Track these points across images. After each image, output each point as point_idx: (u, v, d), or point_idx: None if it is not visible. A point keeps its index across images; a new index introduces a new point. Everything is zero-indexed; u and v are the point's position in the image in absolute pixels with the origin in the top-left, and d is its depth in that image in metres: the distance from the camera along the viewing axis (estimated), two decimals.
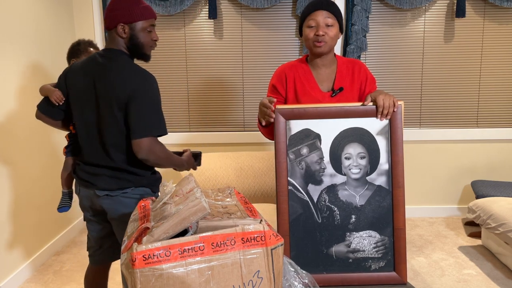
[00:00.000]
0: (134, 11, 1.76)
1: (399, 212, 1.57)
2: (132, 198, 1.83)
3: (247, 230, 1.14)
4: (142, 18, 1.77)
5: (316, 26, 1.83)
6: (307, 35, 1.86)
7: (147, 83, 1.73)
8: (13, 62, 2.79)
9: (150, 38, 1.82)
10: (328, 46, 1.85)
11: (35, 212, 3.00)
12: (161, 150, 1.76)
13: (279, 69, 1.99)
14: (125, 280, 1.15)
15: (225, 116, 3.79)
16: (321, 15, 1.82)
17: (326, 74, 1.94)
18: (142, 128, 1.70)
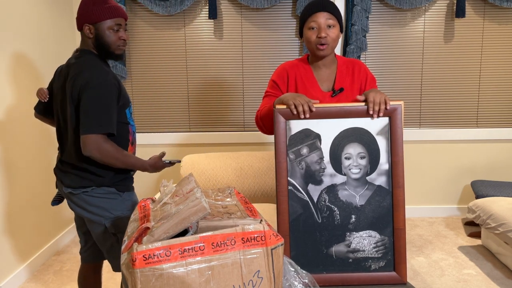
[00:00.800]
0: (98, 10, 1.77)
1: (399, 212, 1.57)
2: (94, 196, 1.85)
3: (247, 230, 1.14)
4: (106, 17, 1.77)
5: (317, 28, 1.82)
6: (309, 38, 1.84)
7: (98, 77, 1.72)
8: (13, 62, 2.79)
9: (117, 37, 1.81)
10: (330, 48, 1.84)
11: (35, 212, 3.00)
12: (109, 149, 1.72)
13: (281, 67, 1.99)
14: (125, 280, 1.15)
15: (225, 116, 3.79)
16: (322, 16, 1.81)
17: (326, 74, 1.93)
18: (87, 123, 1.69)
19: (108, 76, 1.76)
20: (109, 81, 1.75)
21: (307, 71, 1.94)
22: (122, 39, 1.83)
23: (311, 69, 1.94)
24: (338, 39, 1.86)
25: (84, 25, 1.80)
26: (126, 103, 1.87)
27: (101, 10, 1.77)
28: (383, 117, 1.57)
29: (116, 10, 1.80)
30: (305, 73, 1.94)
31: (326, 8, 1.81)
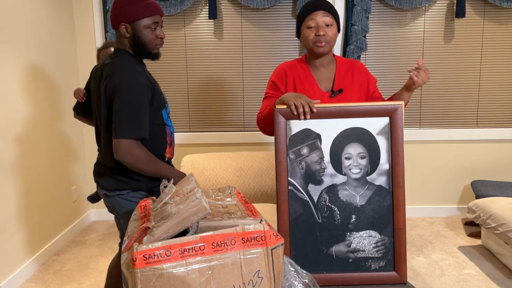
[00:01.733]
0: (136, 9, 1.70)
1: (399, 212, 1.57)
2: (129, 200, 1.81)
3: (247, 230, 1.14)
4: (144, 15, 1.71)
5: (315, 26, 1.82)
6: (307, 36, 1.85)
7: (130, 79, 1.66)
8: (13, 62, 2.79)
9: (154, 35, 1.75)
10: (329, 46, 1.84)
11: (35, 212, 3.00)
12: (142, 156, 1.67)
13: (279, 67, 1.99)
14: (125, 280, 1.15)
15: (225, 116, 3.79)
16: (320, 15, 1.82)
17: (325, 74, 1.93)
18: (119, 128, 1.64)
19: (140, 78, 1.68)
20: (141, 83, 1.68)
21: (306, 71, 1.94)
22: (160, 37, 1.77)
23: (309, 69, 1.94)
24: (336, 38, 1.86)
25: (120, 24, 1.72)
26: (161, 104, 1.80)
27: (139, 8, 1.70)
28: (384, 117, 1.57)
29: (153, 7, 1.73)
30: (304, 73, 1.94)
31: (324, 7, 1.82)
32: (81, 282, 2.80)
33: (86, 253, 3.23)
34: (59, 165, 3.35)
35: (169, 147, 1.89)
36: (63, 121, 3.42)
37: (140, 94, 1.66)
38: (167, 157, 1.89)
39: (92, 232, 3.62)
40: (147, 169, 1.69)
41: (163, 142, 1.84)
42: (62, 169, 3.39)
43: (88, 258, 3.15)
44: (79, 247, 3.35)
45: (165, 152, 1.86)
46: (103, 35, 3.65)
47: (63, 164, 3.41)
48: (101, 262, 3.07)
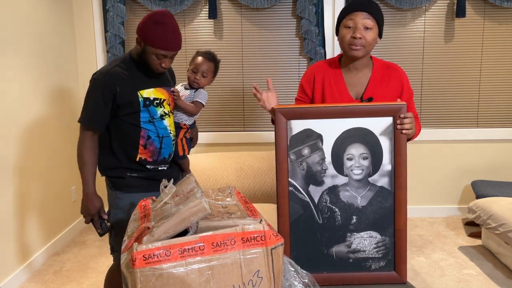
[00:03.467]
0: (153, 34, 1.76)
1: (401, 213, 1.56)
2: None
3: (247, 230, 1.14)
4: (156, 45, 1.76)
5: (353, 27, 1.70)
6: (344, 36, 1.72)
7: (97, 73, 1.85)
8: (13, 62, 2.79)
9: (158, 63, 1.82)
10: (364, 51, 1.72)
11: (35, 212, 2.99)
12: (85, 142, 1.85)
13: (310, 69, 1.89)
14: (125, 280, 1.14)
15: (225, 116, 3.78)
16: (361, 16, 1.68)
17: (358, 78, 1.80)
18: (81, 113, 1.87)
19: (105, 75, 1.81)
20: (101, 79, 1.82)
21: (337, 74, 1.82)
22: (163, 67, 1.83)
23: (341, 72, 1.82)
24: (374, 43, 1.73)
25: (138, 36, 1.82)
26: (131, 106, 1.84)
27: (155, 35, 1.75)
28: (387, 117, 1.55)
29: (169, 43, 1.77)
30: (335, 76, 1.82)
31: (366, 9, 1.69)
32: (81, 282, 2.80)
33: (86, 253, 3.23)
34: (59, 165, 3.35)
35: (143, 149, 1.90)
36: (62, 121, 3.41)
37: (97, 88, 1.82)
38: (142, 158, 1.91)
39: (92, 232, 3.62)
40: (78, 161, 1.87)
41: (133, 142, 1.89)
42: (62, 169, 3.39)
43: (88, 258, 3.14)
44: (79, 247, 3.34)
45: (137, 153, 1.90)
46: (103, 35, 3.65)
47: (63, 164, 3.40)
48: (101, 262, 3.07)
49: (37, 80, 3.07)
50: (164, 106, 1.93)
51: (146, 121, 1.88)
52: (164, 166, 1.99)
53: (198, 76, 2.10)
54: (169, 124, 1.95)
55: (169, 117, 1.96)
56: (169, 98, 1.96)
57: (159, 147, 1.93)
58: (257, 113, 3.76)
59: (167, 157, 1.98)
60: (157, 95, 1.90)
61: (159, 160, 1.95)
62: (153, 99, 1.89)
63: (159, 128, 1.91)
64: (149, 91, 1.88)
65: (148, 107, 1.87)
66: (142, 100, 1.86)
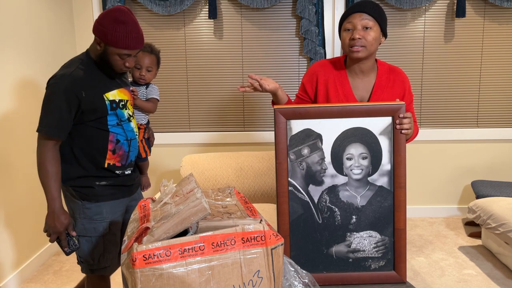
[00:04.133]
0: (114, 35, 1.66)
1: (400, 212, 1.56)
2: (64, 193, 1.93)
3: (247, 230, 1.14)
4: (116, 45, 1.68)
5: (352, 29, 1.70)
6: (344, 39, 1.73)
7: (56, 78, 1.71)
8: (13, 62, 2.79)
9: (122, 63, 1.74)
10: (366, 51, 1.70)
11: (35, 212, 3.00)
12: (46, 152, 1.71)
13: (313, 67, 1.87)
14: (125, 280, 1.14)
15: (225, 116, 3.78)
16: (359, 17, 1.69)
17: (363, 82, 1.79)
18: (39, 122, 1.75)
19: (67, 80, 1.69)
20: (64, 84, 1.68)
21: (342, 75, 1.80)
22: (127, 67, 1.76)
23: (346, 73, 1.80)
24: (377, 42, 1.72)
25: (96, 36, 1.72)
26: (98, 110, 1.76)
27: (117, 35, 1.66)
28: (386, 117, 1.56)
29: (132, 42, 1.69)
30: (339, 78, 1.80)
31: (364, 9, 1.69)
32: None
33: None
34: None
35: (112, 154, 1.83)
36: None
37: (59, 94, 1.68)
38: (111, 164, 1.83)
39: None
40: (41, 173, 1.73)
41: (100, 148, 1.81)
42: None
43: None
44: None
45: (105, 159, 1.82)
46: None
47: None
48: None
49: (37, 80, 3.07)
50: (127, 108, 1.87)
51: (114, 125, 1.81)
52: (129, 170, 1.93)
53: (143, 72, 2.04)
54: (134, 125, 1.92)
55: (133, 118, 1.92)
56: (131, 98, 1.91)
57: (128, 150, 1.87)
58: (257, 113, 3.76)
59: (133, 160, 1.94)
60: (121, 96, 1.84)
61: (127, 164, 1.90)
62: (118, 101, 1.82)
63: (127, 131, 1.86)
64: (113, 93, 1.80)
65: (115, 109, 1.80)
66: (109, 103, 1.78)
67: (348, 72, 1.81)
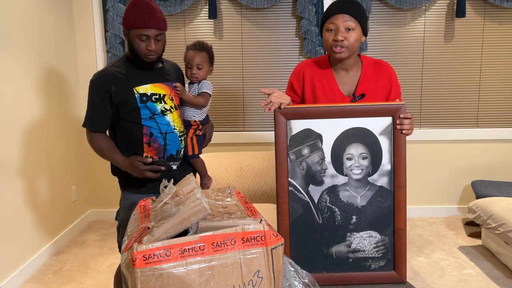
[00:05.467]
0: (131, 18, 1.78)
1: (400, 212, 1.57)
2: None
3: (247, 230, 1.14)
4: (134, 26, 1.77)
5: (335, 30, 1.71)
6: (326, 40, 1.74)
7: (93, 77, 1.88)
8: (13, 62, 2.79)
9: (143, 46, 1.80)
10: (348, 52, 1.72)
11: (35, 212, 3.00)
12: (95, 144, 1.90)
13: (299, 66, 1.89)
14: (125, 280, 1.14)
15: (225, 116, 3.78)
16: (341, 18, 1.69)
17: (348, 77, 1.81)
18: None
19: (99, 76, 1.85)
20: (96, 81, 1.85)
21: (327, 73, 1.82)
22: (148, 49, 1.80)
23: (331, 70, 1.82)
24: (358, 42, 1.73)
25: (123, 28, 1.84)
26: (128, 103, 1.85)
27: (132, 18, 1.77)
28: (386, 117, 1.56)
29: (145, 20, 1.77)
30: (325, 75, 1.82)
31: (346, 10, 1.70)
32: (81, 282, 2.80)
33: (86, 253, 3.23)
34: (59, 165, 3.35)
35: (147, 147, 1.90)
36: (62, 121, 3.42)
37: (94, 90, 1.87)
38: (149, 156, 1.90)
39: (92, 232, 3.62)
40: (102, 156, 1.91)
41: (137, 140, 1.89)
42: (62, 169, 3.39)
43: (88, 258, 3.14)
44: (79, 247, 3.34)
45: (142, 151, 1.90)
46: (103, 35, 3.65)
47: (63, 164, 3.40)
48: (101, 262, 3.07)
49: (37, 80, 3.07)
50: (165, 102, 1.91)
51: (147, 118, 1.87)
52: (174, 164, 1.97)
53: (194, 70, 2.05)
54: (172, 119, 1.93)
55: (172, 113, 1.93)
56: (170, 93, 1.94)
57: (164, 144, 1.91)
58: (257, 113, 3.76)
59: (174, 154, 1.96)
60: (156, 90, 1.89)
61: (166, 157, 1.94)
62: (150, 95, 1.88)
63: (161, 124, 1.90)
64: (145, 87, 1.87)
65: (146, 103, 1.86)
66: (138, 96, 1.85)
67: (333, 69, 1.83)
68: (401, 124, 1.55)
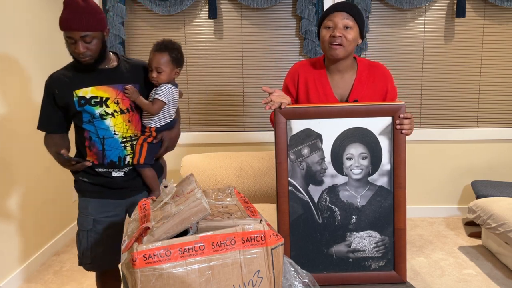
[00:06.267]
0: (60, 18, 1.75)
1: (400, 212, 1.57)
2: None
3: (247, 230, 1.14)
4: (60, 27, 1.75)
5: (333, 27, 1.69)
6: (323, 37, 1.72)
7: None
8: (13, 62, 2.79)
9: (73, 49, 1.74)
10: (344, 51, 1.70)
11: (35, 212, 3.00)
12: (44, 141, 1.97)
13: (294, 67, 1.88)
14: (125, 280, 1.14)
15: (225, 116, 3.79)
16: (340, 16, 1.69)
17: (342, 81, 1.79)
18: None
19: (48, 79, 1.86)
20: (46, 83, 1.86)
21: (322, 75, 1.80)
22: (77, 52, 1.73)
23: (326, 73, 1.80)
24: (355, 42, 1.72)
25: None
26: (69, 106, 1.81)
27: (60, 18, 1.76)
28: (386, 117, 1.56)
29: (67, 22, 1.71)
30: (319, 77, 1.80)
31: (346, 9, 1.70)
32: (81, 282, 2.80)
33: None
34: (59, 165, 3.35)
35: (89, 151, 1.85)
36: None
37: (44, 93, 1.88)
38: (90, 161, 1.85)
39: None
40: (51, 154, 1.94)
41: (81, 144, 1.89)
42: (62, 169, 3.38)
43: None
44: None
45: (86, 155, 1.87)
46: None
47: None
48: None
49: (37, 80, 3.07)
50: (107, 105, 1.81)
51: (87, 121, 1.82)
52: (118, 172, 1.87)
53: (154, 74, 1.85)
54: (113, 124, 1.82)
55: (114, 117, 1.82)
56: (116, 96, 1.82)
57: (102, 149, 1.84)
58: (257, 113, 3.76)
59: (116, 161, 1.86)
60: (97, 93, 1.80)
61: (106, 163, 1.85)
62: (89, 98, 1.79)
63: (99, 129, 1.82)
64: (86, 90, 1.80)
65: (84, 106, 1.79)
66: (76, 99, 1.79)
67: (327, 72, 1.81)
68: (401, 124, 1.55)
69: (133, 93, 1.83)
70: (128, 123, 1.85)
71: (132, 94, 1.83)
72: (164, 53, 1.84)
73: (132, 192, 1.95)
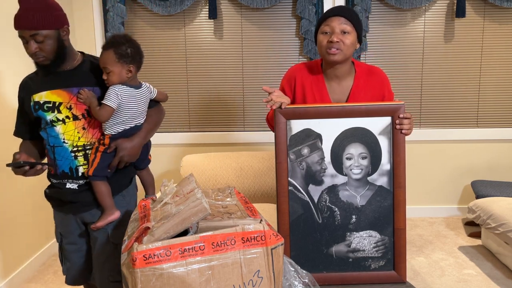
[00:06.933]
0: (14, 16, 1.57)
1: (400, 212, 1.57)
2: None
3: (247, 229, 1.14)
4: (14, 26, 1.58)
5: (330, 32, 1.67)
6: (321, 42, 1.70)
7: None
8: (13, 62, 2.79)
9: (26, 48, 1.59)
10: (342, 55, 1.68)
11: (35, 212, 3.00)
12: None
13: (291, 70, 1.86)
14: (125, 279, 1.15)
15: (225, 116, 3.79)
16: (337, 21, 1.66)
17: (340, 87, 1.77)
18: None
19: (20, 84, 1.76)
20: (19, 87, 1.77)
21: (319, 79, 1.78)
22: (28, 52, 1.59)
23: (323, 77, 1.78)
24: (353, 47, 1.70)
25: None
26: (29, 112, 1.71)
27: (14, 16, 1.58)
28: (385, 117, 1.56)
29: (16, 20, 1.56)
30: (316, 82, 1.79)
31: (343, 14, 1.68)
32: None
33: None
34: None
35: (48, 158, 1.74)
36: None
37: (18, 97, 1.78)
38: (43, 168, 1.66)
39: None
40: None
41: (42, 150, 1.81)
42: None
43: None
44: None
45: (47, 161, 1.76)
46: (103, 35, 3.65)
47: None
48: None
49: None
50: (59, 111, 1.65)
51: (42, 128, 1.72)
52: (72, 184, 1.71)
53: (104, 75, 1.65)
54: (63, 131, 1.66)
55: (65, 124, 1.66)
56: (70, 100, 1.65)
57: (53, 158, 1.71)
58: (257, 113, 3.76)
59: (67, 171, 1.70)
60: (51, 98, 1.66)
61: (59, 174, 1.72)
62: (43, 103, 1.66)
63: (50, 136, 1.69)
64: (41, 94, 1.66)
65: (37, 111, 1.67)
66: (32, 104, 1.68)
67: (324, 76, 1.79)
68: (401, 124, 1.55)
69: (87, 98, 1.63)
70: (82, 130, 1.67)
71: (85, 99, 1.63)
72: (108, 51, 1.63)
73: (85, 207, 1.75)
